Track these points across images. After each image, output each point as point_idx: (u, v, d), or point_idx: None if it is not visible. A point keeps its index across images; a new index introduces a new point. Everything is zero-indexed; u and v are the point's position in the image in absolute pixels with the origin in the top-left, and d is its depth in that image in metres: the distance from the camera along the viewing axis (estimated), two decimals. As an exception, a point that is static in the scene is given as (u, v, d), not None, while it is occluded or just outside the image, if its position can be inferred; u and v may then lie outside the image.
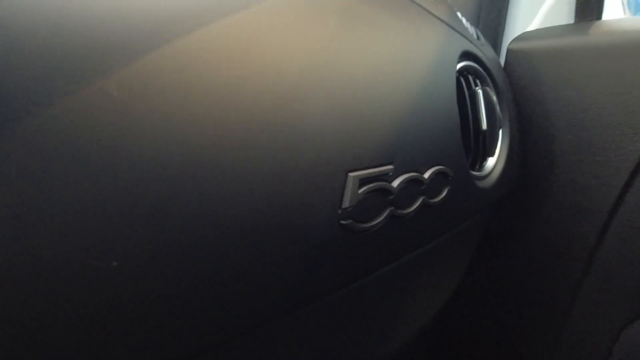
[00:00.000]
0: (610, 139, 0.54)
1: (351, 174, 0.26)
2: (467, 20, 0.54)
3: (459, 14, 0.51)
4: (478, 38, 0.53)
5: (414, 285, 0.43)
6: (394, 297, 0.40)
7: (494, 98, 0.49)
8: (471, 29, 0.53)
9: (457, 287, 0.55)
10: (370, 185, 0.27)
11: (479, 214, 0.51)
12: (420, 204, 0.33)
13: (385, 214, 0.29)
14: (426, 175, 0.33)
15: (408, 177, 0.31)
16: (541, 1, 0.62)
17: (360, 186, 0.27)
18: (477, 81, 0.48)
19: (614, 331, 0.57)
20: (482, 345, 0.73)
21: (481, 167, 0.48)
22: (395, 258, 0.34)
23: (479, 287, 0.69)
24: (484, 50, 0.51)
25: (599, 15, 0.59)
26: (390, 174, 0.29)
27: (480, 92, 0.45)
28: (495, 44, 0.63)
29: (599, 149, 0.55)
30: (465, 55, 0.46)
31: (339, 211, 0.26)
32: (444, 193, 0.36)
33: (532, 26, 0.62)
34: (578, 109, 0.56)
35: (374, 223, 0.28)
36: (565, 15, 0.62)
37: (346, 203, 0.26)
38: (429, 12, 0.40)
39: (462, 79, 0.45)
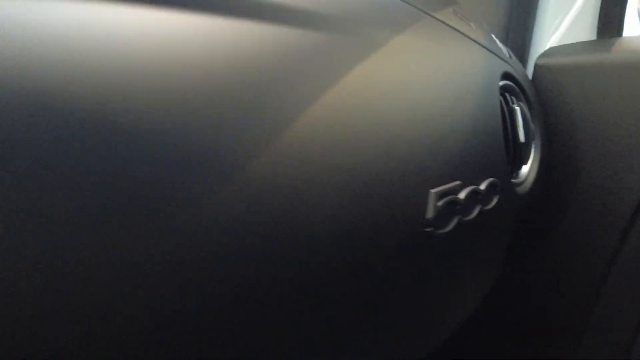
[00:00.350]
0: (630, 146, 0.59)
1: (432, 191, 0.32)
2: (496, 36, 0.60)
3: (493, 37, 0.57)
4: (510, 57, 0.59)
5: (461, 279, 0.49)
6: (446, 289, 0.46)
7: (527, 112, 0.55)
8: (504, 49, 0.58)
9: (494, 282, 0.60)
10: (445, 198, 0.33)
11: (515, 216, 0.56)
12: (478, 212, 0.38)
13: (455, 222, 0.35)
14: (482, 187, 0.39)
15: (470, 190, 0.36)
16: (564, 18, 0.68)
17: (438, 200, 0.32)
18: (513, 98, 0.53)
19: (636, 324, 0.63)
20: (508, 338, 0.78)
21: (517, 174, 0.54)
22: (455, 257, 0.40)
23: (506, 283, 0.74)
24: (516, 68, 0.57)
25: (619, 32, 0.64)
26: (458, 188, 0.35)
27: (517, 109, 0.51)
28: (523, 59, 0.68)
29: (620, 156, 0.60)
30: (503, 75, 0.51)
31: (424, 221, 0.32)
32: (495, 201, 0.41)
33: (556, 42, 0.67)
34: (600, 118, 0.61)
35: (447, 230, 0.34)
36: (587, 31, 0.67)
37: (429, 214, 0.32)
38: (475, 42, 0.46)
39: (500, 97, 0.50)
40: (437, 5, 0.42)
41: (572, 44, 0.66)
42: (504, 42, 0.66)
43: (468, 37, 0.45)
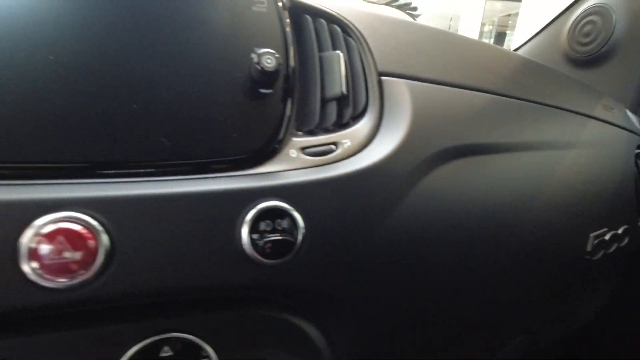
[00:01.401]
0: None
1: (591, 234, 0.53)
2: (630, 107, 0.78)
3: (629, 114, 0.75)
4: (641, 127, 0.76)
5: (596, 289, 0.68)
6: (587, 293, 0.66)
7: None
8: (636, 121, 0.76)
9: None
10: (598, 239, 0.54)
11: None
12: (615, 247, 0.59)
13: (601, 253, 0.56)
14: (619, 231, 0.59)
15: (612, 233, 0.57)
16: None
17: (594, 240, 0.54)
18: (642, 162, 0.71)
19: None
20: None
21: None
22: (597, 275, 0.61)
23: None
24: (646, 137, 0.74)
25: None
26: (605, 232, 0.56)
27: (646, 171, 0.69)
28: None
29: None
30: (637, 146, 0.70)
31: (585, 252, 0.53)
32: (626, 240, 0.61)
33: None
34: None
35: (596, 258, 0.55)
36: None
37: (589, 248, 0.53)
38: (618, 126, 0.65)
39: (634, 164, 0.68)
40: (594, 105, 0.63)
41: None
42: (636, 111, 0.83)
43: (613, 124, 0.65)
